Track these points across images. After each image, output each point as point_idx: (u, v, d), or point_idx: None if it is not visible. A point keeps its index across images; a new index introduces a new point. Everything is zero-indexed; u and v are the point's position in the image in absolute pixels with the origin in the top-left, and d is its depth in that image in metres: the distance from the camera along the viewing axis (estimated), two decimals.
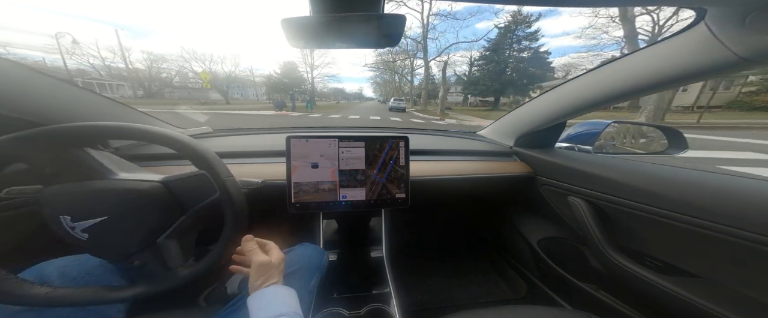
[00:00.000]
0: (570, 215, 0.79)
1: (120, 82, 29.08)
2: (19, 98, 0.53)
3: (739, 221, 0.46)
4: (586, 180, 0.74)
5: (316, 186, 0.69)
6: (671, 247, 0.61)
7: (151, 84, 25.40)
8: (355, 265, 0.77)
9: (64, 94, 0.62)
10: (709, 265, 0.55)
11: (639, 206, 0.61)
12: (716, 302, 0.51)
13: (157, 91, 24.78)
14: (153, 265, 0.40)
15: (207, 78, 8.65)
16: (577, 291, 0.84)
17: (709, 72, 0.46)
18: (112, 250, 0.39)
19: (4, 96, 0.51)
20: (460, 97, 36.25)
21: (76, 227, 0.36)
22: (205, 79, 8.88)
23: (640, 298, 0.67)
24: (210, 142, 0.90)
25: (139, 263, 0.40)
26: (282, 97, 30.04)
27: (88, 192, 0.37)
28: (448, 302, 1.06)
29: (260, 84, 38.96)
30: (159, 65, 26.94)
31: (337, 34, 0.43)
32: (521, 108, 0.97)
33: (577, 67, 29.65)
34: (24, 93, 0.54)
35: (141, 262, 0.40)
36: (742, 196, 0.48)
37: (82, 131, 0.37)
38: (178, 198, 0.41)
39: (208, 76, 9.17)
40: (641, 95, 0.61)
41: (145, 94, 26.40)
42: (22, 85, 0.54)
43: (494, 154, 1.00)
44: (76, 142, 0.39)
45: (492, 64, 25.46)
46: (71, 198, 0.36)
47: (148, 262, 0.40)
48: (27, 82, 0.55)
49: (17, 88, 0.53)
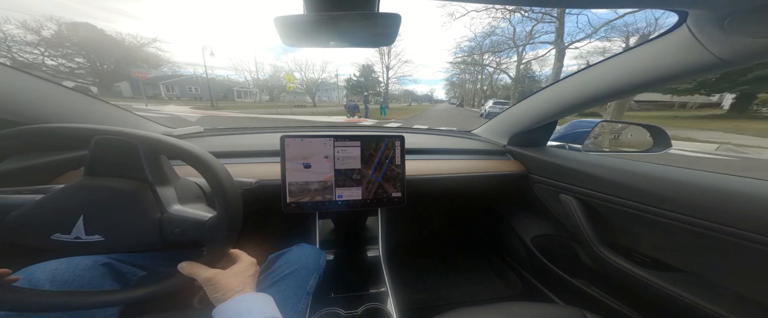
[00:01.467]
0: (562, 213, 0.81)
1: (255, 89, 37.79)
2: (5, 99, 0.51)
3: (723, 217, 0.48)
4: (576, 178, 0.76)
5: (311, 185, 0.69)
6: (658, 243, 0.63)
7: (272, 90, 33.09)
8: (351, 265, 0.77)
9: (51, 96, 0.60)
10: (694, 260, 0.57)
11: (627, 203, 0.63)
12: (701, 296, 0.53)
13: (276, 96, 32.28)
14: (191, 228, 0.38)
15: (291, 79, 9.27)
16: (569, 287, 0.86)
17: (691, 73, 0.48)
18: (134, 238, 0.38)
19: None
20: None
21: (80, 236, 0.35)
22: (289, 82, 9.37)
23: (629, 293, 0.69)
24: (201, 142, 0.88)
25: (179, 231, 0.38)
26: (356, 99, 28.94)
27: (42, 206, 0.35)
28: (444, 300, 1.07)
29: (342, 87, 40.17)
30: (279, 74, 34.48)
31: (331, 32, 0.43)
32: (514, 107, 0.98)
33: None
34: (9, 94, 0.52)
35: (181, 230, 0.38)
36: (725, 193, 0.50)
37: (56, 132, 0.35)
38: (118, 175, 0.37)
39: (291, 78, 9.86)
40: (628, 95, 0.63)
41: (270, 98, 33.85)
42: (10, 86, 0.52)
43: (488, 152, 1.01)
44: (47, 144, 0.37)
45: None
46: (35, 218, 0.34)
47: (184, 228, 0.38)
48: (15, 83, 0.53)
49: (4, 89, 0.51)
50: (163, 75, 33.03)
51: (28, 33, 25.02)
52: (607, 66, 0.61)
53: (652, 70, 0.52)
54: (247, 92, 38.28)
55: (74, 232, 0.35)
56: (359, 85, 38.50)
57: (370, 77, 39.00)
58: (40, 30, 24.20)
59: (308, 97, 32.54)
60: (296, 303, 0.52)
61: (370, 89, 37.82)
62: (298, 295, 0.53)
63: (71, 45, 27.43)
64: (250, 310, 0.35)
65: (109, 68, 28.32)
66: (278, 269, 0.55)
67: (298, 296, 0.53)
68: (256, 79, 36.07)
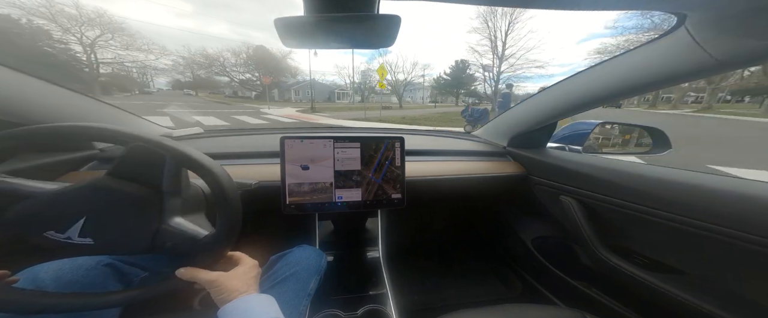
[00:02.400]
0: (562, 214, 0.81)
1: (350, 90, 40.44)
2: (5, 99, 0.51)
3: (724, 219, 0.48)
4: (576, 179, 0.76)
5: (311, 187, 0.69)
6: (658, 245, 0.63)
7: (363, 91, 35.38)
8: (351, 266, 0.77)
9: (46, 95, 0.60)
10: (694, 261, 0.57)
11: (627, 205, 0.63)
12: (701, 298, 0.53)
13: (366, 97, 34.74)
14: (183, 243, 0.38)
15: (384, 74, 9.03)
16: (570, 289, 0.86)
17: (689, 75, 0.48)
18: (124, 245, 0.38)
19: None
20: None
21: (71, 236, 0.35)
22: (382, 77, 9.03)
23: (630, 294, 0.69)
24: (201, 143, 0.88)
25: (170, 244, 0.38)
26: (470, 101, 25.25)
27: (44, 203, 0.35)
28: (444, 302, 1.06)
29: (427, 87, 39.57)
30: (369, 75, 36.49)
31: (331, 34, 0.43)
32: (514, 109, 0.98)
33: None
34: (9, 94, 0.52)
35: (172, 243, 0.38)
36: (725, 195, 0.50)
37: (57, 132, 0.35)
38: (136, 180, 0.38)
39: (384, 72, 9.60)
40: (627, 97, 0.63)
41: (361, 99, 35.12)
42: (10, 86, 0.52)
43: (488, 154, 1.01)
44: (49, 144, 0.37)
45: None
46: (34, 213, 0.35)
47: (177, 241, 0.38)
48: (14, 84, 0.54)
49: (4, 90, 0.51)
50: (294, 82, 38.81)
51: (233, 57, 34.74)
52: (606, 68, 0.61)
53: (651, 72, 0.52)
54: (343, 94, 40.83)
55: (68, 233, 0.35)
56: (448, 85, 35.61)
57: (464, 75, 34.30)
58: (240, 54, 33.55)
59: (395, 97, 32.21)
60: (297, 304, 0.52)
61: (462, 89, 35.10)
62: (299, 296, 0.53)
63: (252, 62, 35.63)
64: (254, 310, 0.36)
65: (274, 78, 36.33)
66: (279, 271, 0.55)
67: (299, 298, 0.53)
68: (352, 81, 37.56)
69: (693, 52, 0.43)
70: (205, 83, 46.63)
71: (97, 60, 30.33)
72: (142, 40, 33.98)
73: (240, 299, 0.37)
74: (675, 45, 0.46)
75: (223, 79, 39.91)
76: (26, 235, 0.35)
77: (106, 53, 31.80)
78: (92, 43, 29.36)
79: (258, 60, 34.09)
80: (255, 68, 35.93)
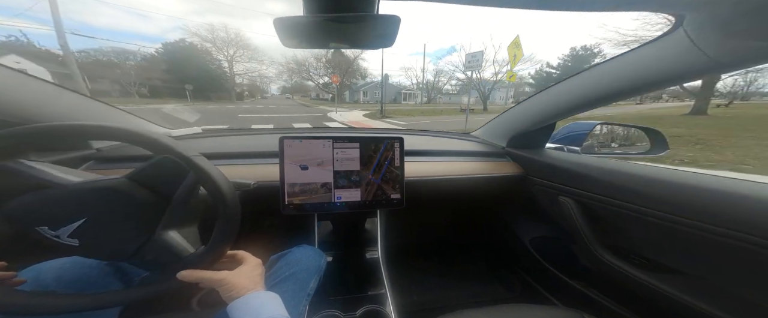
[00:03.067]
0: (561, 214, 0.81)
1: (417, 91, 41.30)
2: (5, 100, 0.51)
3: (723, 219, 0.48)
4: (575, 180, 0.76)
5: (310, 187, 0.69)
6: (656, 245, 0.63)
7: (430, 92, 37.33)
8: (350, 267, 0.77)
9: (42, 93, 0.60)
10: (693, 262, 0.57)
11: (625, 205, 0.63)
12: (700, 298, 0.53)
13: (432, 98, 36.19)
14: (166, 256, 0.38)
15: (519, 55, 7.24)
16: (568, 289, 0.86)
17: (687, 75, 0.48)
18: (107, 250, 0.38)
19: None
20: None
21: (61, 235, 0.35)
22: (516, 59, 7.33)
23: (628, 294, 0.69)
24: (200, 143, 0.88)
25: (151, 257, 0.38)
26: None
27: (54, 198, 0.35)
28: (443, 302, 1.06)
29: (518, 84, 37.88)
30: (439, 78, 37.73)
31: (330, 34, 0.43)
32: (513, 109, 0.99)
33: None
34: (9, 94, 0.52)
35: (154, 257, 0.38)
36: (725, 195, 0.50)
37: (55, 131, 0.35)
38: (153, 188, 0.39)
39: (514, 76, 7.98)
40: (626, 98, 0.64)
41: (427, 100, 36.57)
42: (10, 86, 0.52)
43: (487, 154, 1.01)
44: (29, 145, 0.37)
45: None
46: (39, 207, 0.34)
47: (159, 254, 0.38)
48: (13, 84, 0.53)
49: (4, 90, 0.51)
50: (363, 83, 39.92)
51: (316, 61, 36.38)
52: (604, 68, 0.61)
53: (649, 73, 0.52)
54: (410, 94, 40.50)
55: (60, 231, 0.34)
56: (551, 79, 30.84)
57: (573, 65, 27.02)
58: (321, 58, 34.98)
59: (465, 98, 27.26)
60: (297, 304, 0.51)
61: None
62: (298, 296, 0.53)
63: (330, 65, 37.29)
64: (265, 306, 0.37)
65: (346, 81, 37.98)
66: (279, 271, 0.55)
67: (299, 298, 0.52)
68: (420, 81, 38.20)
69: (691, 53, 0.44)
70: (299, 88, 54.77)
71: (232, 72, 39.32)
72: (255, 51, 39.77)
73: (250, 295, 0.37)
74: (673, 46, 0.46)
75: (309, 83, 43.07)
76: (24, 228, 0.35)
77: (238, 66, 40.04)
78: (231, 58, 38.37)
79: (335, 63, 35.43)
80: (332, 71, 37.50)
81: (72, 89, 0.68)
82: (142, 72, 34.75)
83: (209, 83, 35.81)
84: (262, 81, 53.66)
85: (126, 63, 36.04)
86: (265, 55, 45.40)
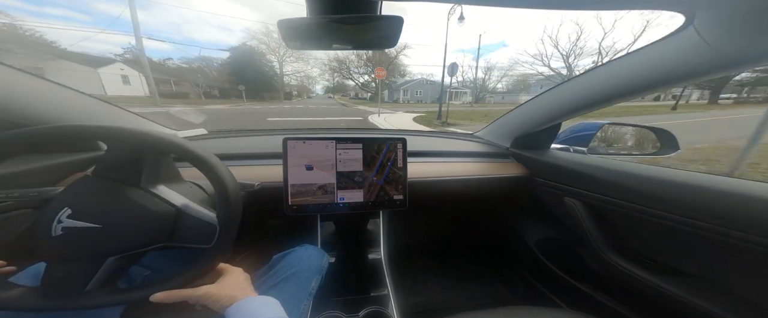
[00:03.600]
0: (566, 216, 0.80)
1: (465, 89, 41.83)
2: (4, 100, 0.52)
3: (733, 221, 0.47)
4: (581, 181, 0.75)
5: (313, 188, 0.69)
6: (665, 247, 0.61)
7: (478, 92, 38.07)
8: (353, 268, 0.77)
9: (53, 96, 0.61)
10: (704, 264, 0.56)
11: (633, 207, 0.62)
12: (711, 301, 0.52)
13: (480, 98, 36.68)
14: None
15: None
16: (574, 291, 0.84)
17: (698, 74, 0.47)
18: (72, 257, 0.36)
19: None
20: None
21: (64, 222, 0.34)
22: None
23: (636, 298, 0.68)
24: (204, 145, 0.89)
25: (62, 274, 0.35)
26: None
27: (103, 196, 0.36)
28: (446, 304, 1.06)
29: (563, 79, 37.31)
30: (489, 75, 38.62)
31: (333, 35, 0.43)
32: (518, 109, 0.98)
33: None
34: (8, 94, 0.53)
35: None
36: (736, 197, 0.48)
37: (69, 132, 0.35)
38: (176, 228, 0.39)
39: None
40: (634, 97, 0.62)
41: (474, 99, 36.56)
42: (8, 86, 0.53)
43: (491, 155, 1.00)
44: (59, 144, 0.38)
45: None
46: (85, 195, 0.36)
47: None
48: (12, 83, 0.54)
49: (2, 90, 0.52)
50: (402, 81, 40.07)
51: (357, 58, 37.55)
52: (612, 67, 0.60)
53: (659, 72, 0.51)
54: (457, 93, 39.05)
55: (59, 219, 0.35)
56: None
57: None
58: (362, 55, 36.06)
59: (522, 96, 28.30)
60: (298, 304, 0.51)
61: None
62: (299, 296, 0.52)
63: (371, 63, 38.13)
64: (259, 310, 0.36)
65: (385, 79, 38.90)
66: (281, 270, 0.55)
67: (300, 297, 0.52)
68: (466, 79, 38.78)
69: (702, 52, 0.43)
70: (340, 87, 57.37)
71: (282, 72, 41.99)
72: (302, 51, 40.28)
73: (244, 300, 0.37)
74: (683, 44, 0.45)
75: (349, 82, 44.77)
76: (52, 205, 0.35)
77: (287, 67, 42.84)
78: (281, 59, 40.49)
79: (376, 60, 35.44)
80: (373, 68, 37.88)
81: (90, 94, 0.69)
82: (218, 76, 37.53)
83: (263, 84, 37.52)
84: (308, 81, 56.13)
85: (202, 69, 39.35)
86: (310, 55, 46.67)
